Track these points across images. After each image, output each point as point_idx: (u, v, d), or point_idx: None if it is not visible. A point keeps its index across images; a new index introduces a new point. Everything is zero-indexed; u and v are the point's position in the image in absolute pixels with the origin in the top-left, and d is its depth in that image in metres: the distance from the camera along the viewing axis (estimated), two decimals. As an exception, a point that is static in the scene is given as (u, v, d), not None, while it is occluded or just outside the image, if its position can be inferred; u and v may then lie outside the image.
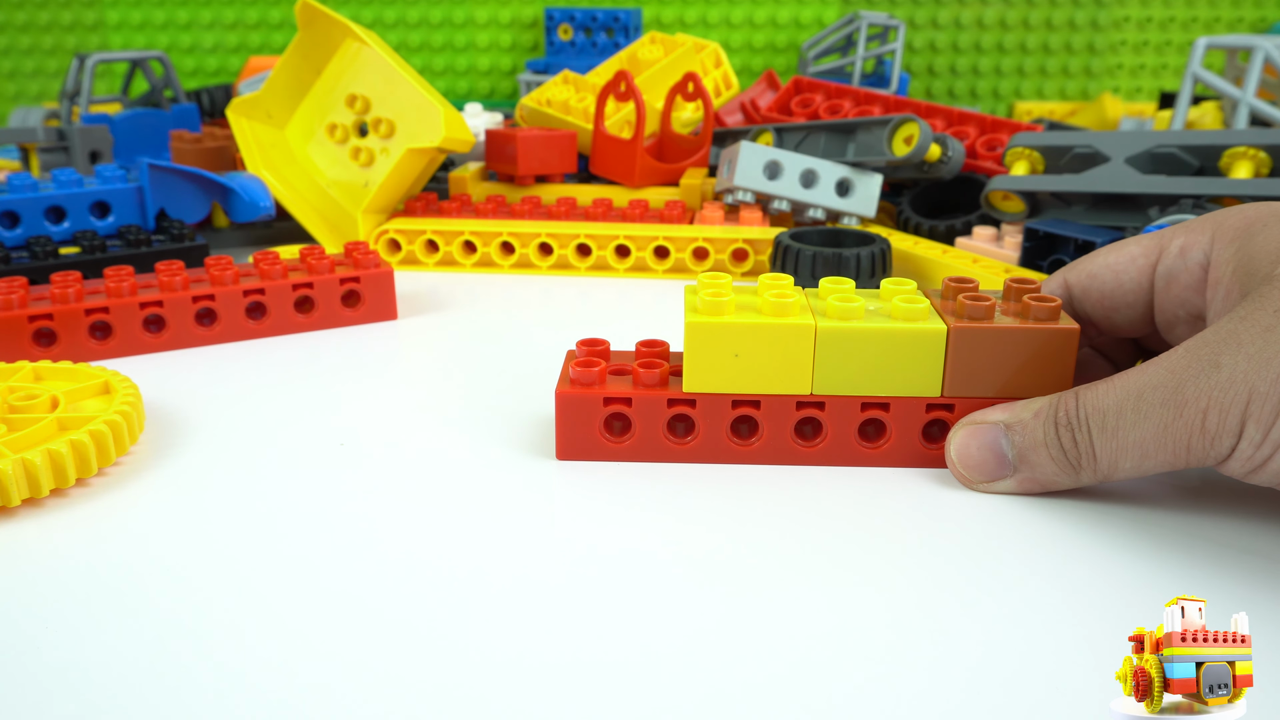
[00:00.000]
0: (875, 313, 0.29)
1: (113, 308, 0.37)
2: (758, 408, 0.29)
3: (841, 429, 0.29)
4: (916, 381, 0.28)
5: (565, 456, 0.29)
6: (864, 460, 0.29)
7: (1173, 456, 0.24)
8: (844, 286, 0.29)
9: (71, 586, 0.23)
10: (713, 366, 0.28)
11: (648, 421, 0.29)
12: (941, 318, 0.28)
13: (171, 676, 0.20)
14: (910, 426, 0.29)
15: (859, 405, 0.29)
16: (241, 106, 0.54)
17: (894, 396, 0.28)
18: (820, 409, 0.29)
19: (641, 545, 0.25)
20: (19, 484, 0.26)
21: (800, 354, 0.28)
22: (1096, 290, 0.30)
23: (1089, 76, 0.97)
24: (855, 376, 0.28)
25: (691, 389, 0.29)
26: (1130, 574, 0.24)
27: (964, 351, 0.28)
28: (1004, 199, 0.49)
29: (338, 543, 0.25)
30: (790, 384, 0.28)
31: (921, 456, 0.29)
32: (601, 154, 0.58)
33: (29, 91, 1.01)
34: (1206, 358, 0.23)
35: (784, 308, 0.28)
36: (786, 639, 0.21)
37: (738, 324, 0.28)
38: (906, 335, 0.28)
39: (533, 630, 0.21)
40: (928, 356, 0.28)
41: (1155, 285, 0.29)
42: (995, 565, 0.24)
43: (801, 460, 0.29)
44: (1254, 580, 0.23)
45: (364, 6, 0.96)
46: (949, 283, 0.29)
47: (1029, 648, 0.21)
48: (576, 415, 0.29)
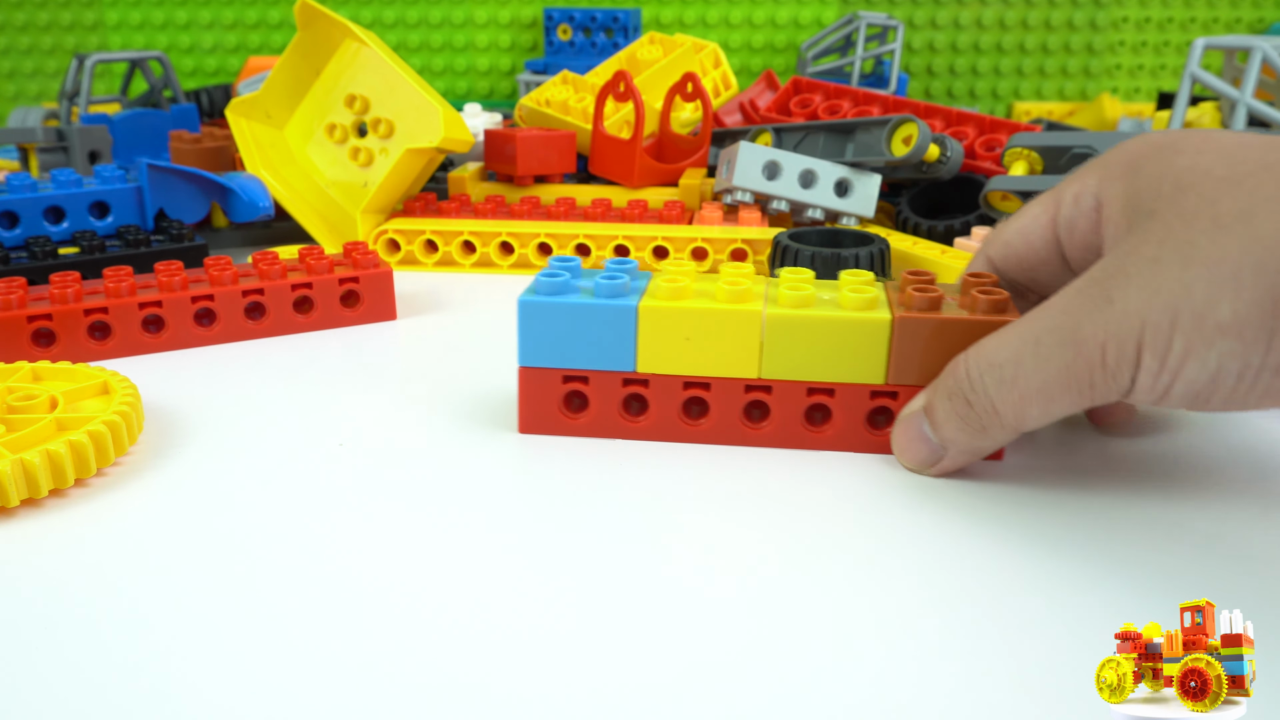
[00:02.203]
0: (827, 302, 0.30)
1: (112, 308, 0.37)
2: (708, 389, 0.30)
3: (788, 412, 0.30)
4: (862, 369, 0.29)
5: (527, 430, 0.31)
6: (810, 444, 0.30)
7: (1078, 396, 0.25)
8: (802, 275, 0.31)
9: (71, 587, 0.23)
10: (665, 348, 0.30)
11: (604, 399, 0.30)
12: (890, 308, 0.29)
13: (171, 676, 0.20)
14: (855, 412, 0.30)
15: (805, 390, 0.30)
16: (240, 107, 0.54)
17: (839, 383, 0.30)
18: (768, 392, 0.30)
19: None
20: (17, 484, 0.26)
21: (748, 339, 0.29)
22: (1014, 257, 0.30)
23: (1087, 77, 0.97)
24: (802, 362, 0.29)
25: (645, 369, 0.30)
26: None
27: (907, 341, 0.29)
28: (1003, 199, 0.49)
29: (337, 543, 0.25)
30: (739, 367, 0.30)
31: (867, 442, 0.30)
32: (601, 154, 0.58)
33: (28, 91, 1.01)
34: (1098, 295, 0.24)
35: (739, 294, 0.29)
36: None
37: (688, 308, 0.29)
38: (852, 323, 0.29)
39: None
40: (872, 345, 0.29)
41: (1060, 238, 0.29)
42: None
43: (749, 441, 0.30)
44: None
45: (363, 6, 0.96)
46: (906, 275, 0.30)
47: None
48: (537, 390, 0.30)
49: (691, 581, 0.23)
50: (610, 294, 0.30)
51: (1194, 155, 0.25)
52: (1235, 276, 0.22)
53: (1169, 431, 0.32)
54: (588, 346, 0.30)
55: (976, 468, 0.29)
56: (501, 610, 0.22)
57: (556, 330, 0.30)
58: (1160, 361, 0.23)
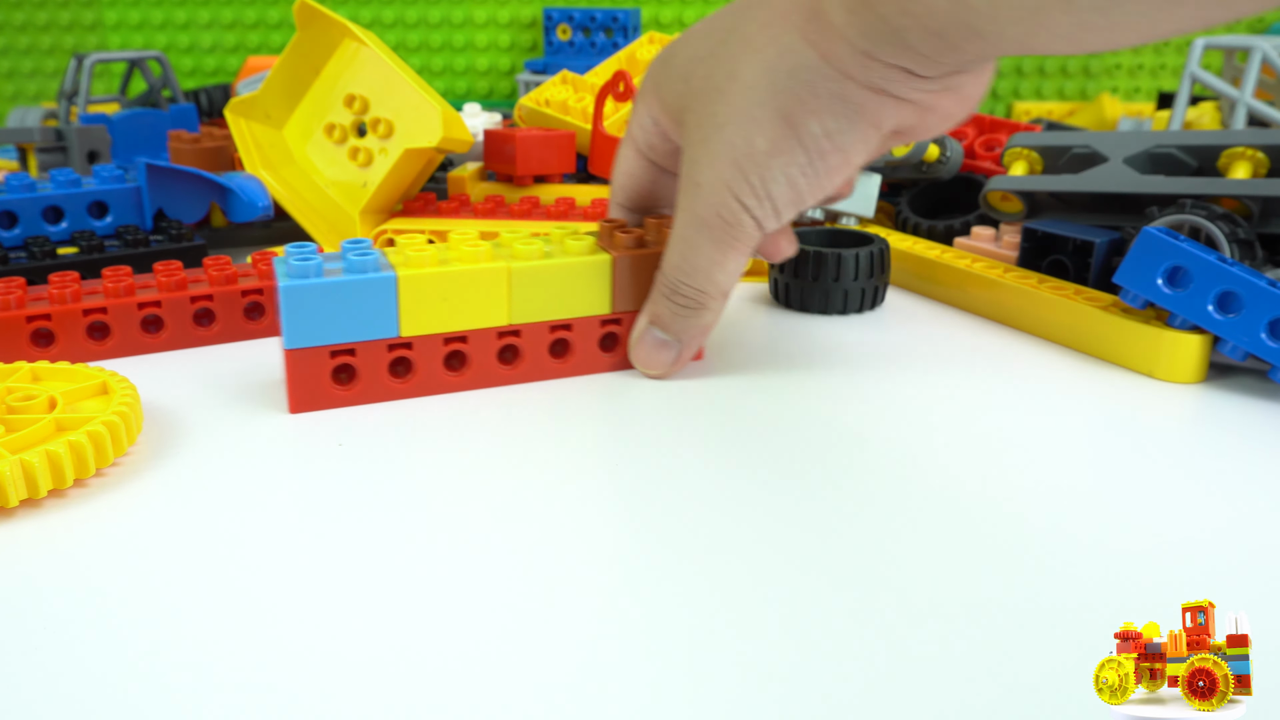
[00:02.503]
0: (555, 252, 0.35)
1: (111, 308, 0.37)
2: (466, 342, 0.34)
3: (536, 350, 0.35)
4: (593, 302, 0.35)
5: (298, 409, 0.33)
6: (557, 373, 0.36)
7: (734, 249, 0.32)
8: (521, 233, 0.36)
9: (70, 587, 0.23)
10: (425, 311, 0.33)
11: (371, 367, 0.33)
12: (607, 250, 0.35)
13: (170, 677, 0.20)
14: (590, 341, 0.36)
15: (549, 328, 0.35)
16: (239, 106, 0.54)
17: (576, 318, 0.35)
18: (517, 336, 0.35)
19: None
20: (17, 485, 0.26)
21: (499, 291, 0.34)
22: (635, 193, 0.37)
23: (1087, 76, 0.97)
24: (544, 304, 0.35)
25: (408, 333, 0.33)
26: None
27: (625, 274, 0.36)
28: (1002, 199, 0.49)
29: (337, 542, 0.25)
30: (491, 318, 0.34)
31: (602, 363, 0.37)
32: (600, 154, 0.58)
33: (27, 91, 1.01)
34: (690, 185, 0.32)
35: (478, 255, 0.34)
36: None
37: (445, 272, 0.33)
38: (583, 266, 0.35)
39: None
40: (599, 281, 0.35)
41: (651, 160, 0.36)
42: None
43: (506, 381, 0.35)
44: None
45: (362, 6, 0.96)
46: (603, 223, 0.37)
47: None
48: (306, 369, 0.33)
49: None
50: (365, 269, 0.32)
51: (686, 63, 0.33)
52: (754, 119, 0.30)
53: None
54: (352, 320, 0.33)
55: (688, 370, 0.37)
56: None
57: (322, 310, 0.32)
58: (756, 197, 0.31)
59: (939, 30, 0.27)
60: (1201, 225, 0.39)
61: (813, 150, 0.30)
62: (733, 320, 0.43)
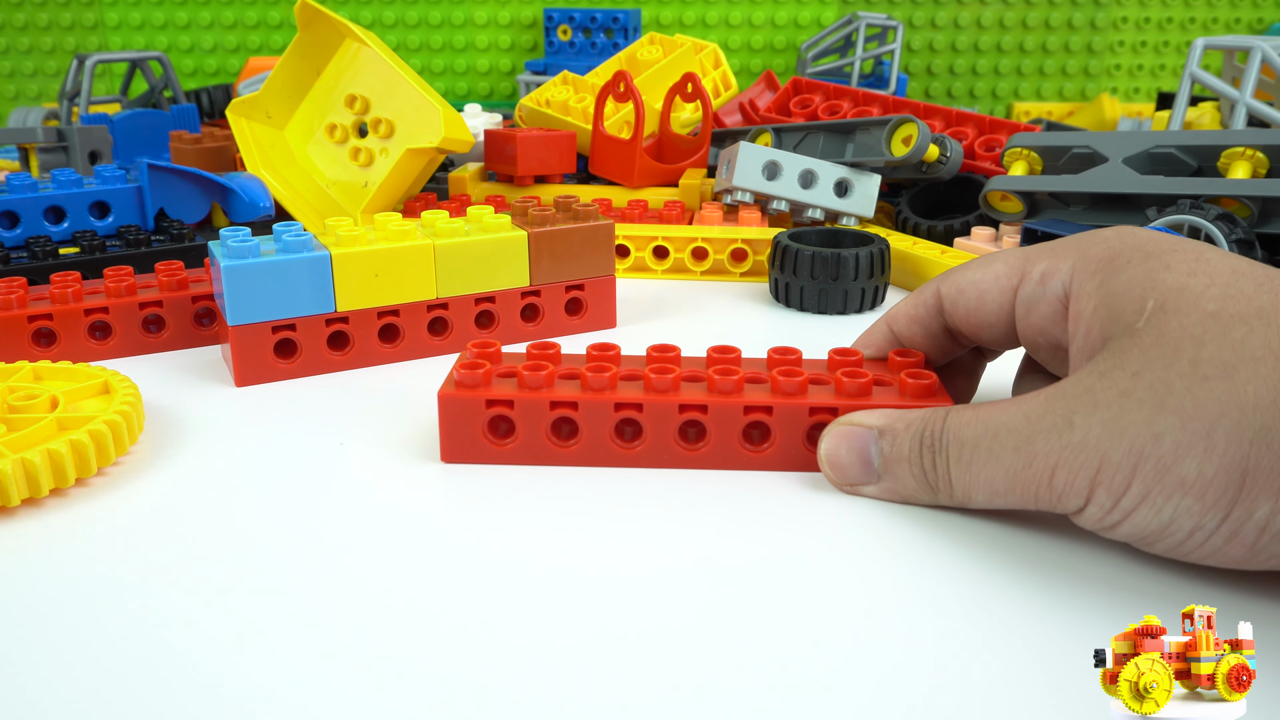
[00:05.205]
0: (474, 230, 0.38)
1: (112, 308, 0.37)
2: (398, 315, 0.37)
3: (461, 321, 0.38)
4: (512, 276, 0.38)
5: (244, 383, 0.35)
6: (528, 335, 0.39)
7: (1022, 500, 0.24)
8: (442, 215, 0.38)
9: (71, 586, 0.23)
10: (359, 286, 0.36)
11: (311, 341, 0.35)
12: (521, 228, 0.38)
13: (170, 676, 0.20)
14: (512, 311, 0.39)
15: (473, 300, 0.38)
16: (241, 107, 0.54)
17: (497, 290, 0.38)
18: (445, 309, 0.38)
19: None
20: (18, 484, 0.26)
21: (426, 267, 0.37)
22: (963, 306, 0.29)
23: (1087, 77, 0.97)
24: (468, 278, 0.38)
25: (344, 308, 0.36)
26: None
27: (540, 249, 0.38)
28: (1002, 199, 0.49)
29: (336, 542, 0.25)
30: (420, 292, 0.37)
31: (522, 334, 0.39)
32: (601, 154, 0.58)
33: (28, 92, 1.01)
34: (1061, 413, 0.23)
35: (404, 234, 0.37)
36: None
37: (376, 250, 0.36)
38: (502, 242, 0.38)
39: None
40: (517, 256, 0.38)
41: (1016, 310, 0.28)
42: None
43: (434, 352, 0.38)
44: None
45: (363, 7, 0.96)
46: (516, 204, 0.40)
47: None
48: (250, 345, 0.34)
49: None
50: (300, 248, 0.34)
51: (1184, 276, 0.23)
52: (1208, 435, 0.21)
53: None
54: (292, 296, 0.35)
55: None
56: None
57: (263, 287, 0.34)
58: (1114, 500, 0.22)
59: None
60: (1201, 225, 0.39)
61: (1242, 525, 0.21)
62: (733, 320, 0.43)
